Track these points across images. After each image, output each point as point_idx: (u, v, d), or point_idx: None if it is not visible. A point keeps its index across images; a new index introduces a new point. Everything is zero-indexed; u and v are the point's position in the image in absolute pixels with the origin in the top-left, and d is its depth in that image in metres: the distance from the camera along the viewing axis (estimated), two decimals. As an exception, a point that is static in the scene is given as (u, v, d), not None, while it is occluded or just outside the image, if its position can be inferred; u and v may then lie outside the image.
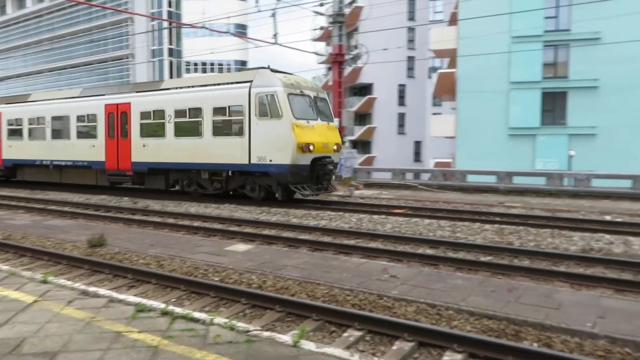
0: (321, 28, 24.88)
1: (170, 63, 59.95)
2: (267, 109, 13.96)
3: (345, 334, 5.20)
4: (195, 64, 62.33)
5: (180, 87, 16.27)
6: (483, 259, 8.27)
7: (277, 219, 12.33)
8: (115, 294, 5.91)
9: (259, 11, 20.69)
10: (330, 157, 14.90)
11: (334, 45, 21.75)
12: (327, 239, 10.05)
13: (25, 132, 20.76)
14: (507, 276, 7.31)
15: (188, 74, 60.08)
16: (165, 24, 55.07)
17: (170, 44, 60.33)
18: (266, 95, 14.00)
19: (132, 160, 17.05)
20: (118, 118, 17.47)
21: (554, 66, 29.06)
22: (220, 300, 6.35)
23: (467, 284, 6.57)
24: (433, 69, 41.56)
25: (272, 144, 13.92)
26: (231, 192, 16.07)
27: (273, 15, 20.29)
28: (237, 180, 15.35)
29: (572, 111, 28.48)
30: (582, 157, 26.07)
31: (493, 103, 29.01)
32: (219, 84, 15.33)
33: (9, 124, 21.57)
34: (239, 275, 7.27)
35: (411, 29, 45.67)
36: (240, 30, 61.07)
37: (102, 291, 6.05)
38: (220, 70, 62.29)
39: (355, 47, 39.53)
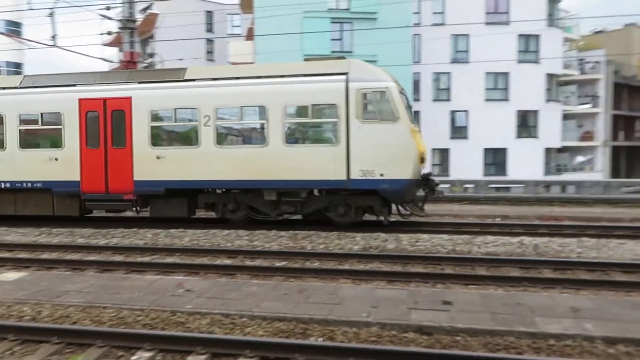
0: (109, 33, 23.12)
1: None
2: (376, 109, 11.43)
3: (133, 357, 4.92)
4: (-48, 64, 52.29)
5: (220, 79, 12.30)
6: (278, 264, 8.67)
7: (59, 241, 11.07)
8: None
9: (31, 9, 18.27)
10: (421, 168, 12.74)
11: (125, 52, 20.49)
12: (118, 257, 9.41)
13: None
14: (299, 278, 7.78)
15: (-58, 75, 50.06)
16: None
17: None
18: (374, 92, 11.40)
19: (136, 178, 12.44)
20: (107, 119, 12.62)
21: (341, 84, 32.11)
22: (-19, 340, 5.43)
23: (261, 290, 6.79)
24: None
25: (385, 154, 11.31)
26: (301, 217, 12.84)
27: (51, 14, 18.19)
28: (320, 201, 12.19)
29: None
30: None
31: (289, 116, 30.69)
32: (289, 76, 11.93)
33: None
34: (6, 308, 6.33)
35: (210, 41, 45.67)
36: (13, 28, 53.39)
37: None
38: (-12, 72, 53.39)
39: (151, 54, 37.92)
